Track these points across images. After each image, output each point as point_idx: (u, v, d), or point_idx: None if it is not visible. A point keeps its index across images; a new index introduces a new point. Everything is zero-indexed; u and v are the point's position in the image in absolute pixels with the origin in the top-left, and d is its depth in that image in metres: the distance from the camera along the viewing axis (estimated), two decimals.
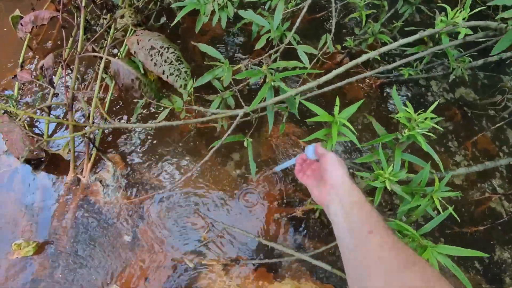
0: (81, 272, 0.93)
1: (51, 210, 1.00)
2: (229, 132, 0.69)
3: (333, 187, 0.52)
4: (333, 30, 0.98)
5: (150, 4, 1.19)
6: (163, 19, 1.25)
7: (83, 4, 0.92)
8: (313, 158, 0.62)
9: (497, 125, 1.44)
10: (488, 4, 0.99)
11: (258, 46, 0.88)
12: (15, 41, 1.35)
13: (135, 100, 0.94)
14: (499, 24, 0.70)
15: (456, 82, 1.61)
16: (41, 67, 0.87)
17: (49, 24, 1.28)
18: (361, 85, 1.50)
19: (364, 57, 0.77)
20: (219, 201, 1.07)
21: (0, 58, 1.34)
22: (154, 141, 1.16)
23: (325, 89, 0.86)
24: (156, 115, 1.15)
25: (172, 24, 0.99)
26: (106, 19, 1.14)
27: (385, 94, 1.49)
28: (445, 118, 1.48)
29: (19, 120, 0.90)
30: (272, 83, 0.69)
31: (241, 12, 0.81)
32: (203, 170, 1.12)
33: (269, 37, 0.86)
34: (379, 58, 1.35)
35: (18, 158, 0.90)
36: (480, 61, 1.23)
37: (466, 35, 0.96)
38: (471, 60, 1.21)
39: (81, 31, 0.95)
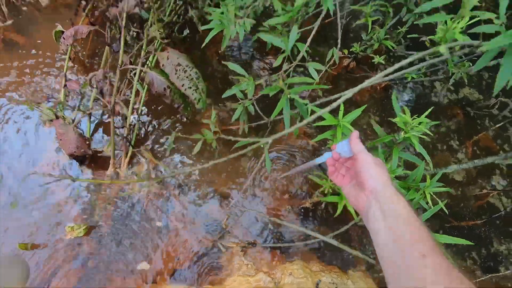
0: (120, 251, 1.10)
1: (95, 199, 1.17)
2: (262, 160, 0.83)
3: (372, 192, 0.46)
4: (339, 46, 1.09)
5: (174, 18, 1.33)
6: (186, 32, 1.39)
7: (123, 24, 1.07)
8: (348, 155, 0.53)
9: (497, 125, 1.52)
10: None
11: (276, 64, 1.01)
12: (50, 50, 1.54)
13: (165, 104, 1.09)
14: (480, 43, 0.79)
15: (460, 82, 1.69)
16: (90, 79, 1.03)
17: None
18: (367, 88, 1.61)
19: (389, 70, 0.82)
20: (236, 193, 1.22)
21: (38, 66, 1.52)
22: (180, 144, 1.32)
23: (336, 102, 0.97)
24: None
25: (196, 39, 1.12)
26: (136, 32, 1.30)
27: (389, 95, 1.59)
28: (447, 118, 1.57)
29: (73, 123, 1.07)
30: (288, 96, 0.82)
31: (261, 35, 0.94)
32: (223, 165, 1.27)
33: (285, 56, 0.98)
34: (383, 62, 1.45)
35: (70, 155, 1.07)
36: (480, 64, 1.31)
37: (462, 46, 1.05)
38: (471, 64, 1.30)
39: (121, 49, 1.11)
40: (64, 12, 1.72)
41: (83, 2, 1.52)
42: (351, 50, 1.61)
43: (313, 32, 0.95)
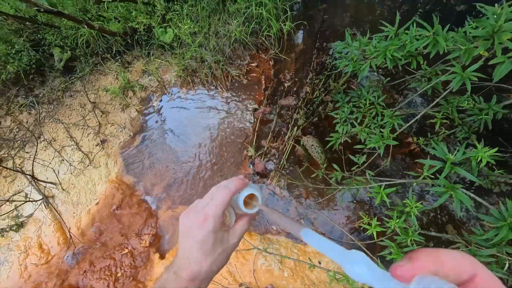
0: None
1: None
2: (339, 194, 2.12)
3: None
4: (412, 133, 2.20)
5: (310, 114, 2.69)
6: (315, 119, 2.73)
7: (292, 113, 2.50)
8: None
9: None
10: None
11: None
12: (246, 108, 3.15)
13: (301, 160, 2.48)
14: None
15: None
16: (276, 148, 2.52)
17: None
18: None
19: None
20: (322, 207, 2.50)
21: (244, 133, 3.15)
22: (302, 174, 2.68)
23: None
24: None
25: (321, 121, 2.45)
26: (291, 116, 2.73)
27: None
28: None
29: (262, 155, 2.59)
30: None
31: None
32: (319, 189, 2.56)
33: None
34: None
35: (257, 172, 2.59)
36: None
37: None
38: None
39: (289, 131, 2.55)
40: (252, 85, 3.34)
41: (266, 93, 3.08)
42: (418, 141, 2.59)
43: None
